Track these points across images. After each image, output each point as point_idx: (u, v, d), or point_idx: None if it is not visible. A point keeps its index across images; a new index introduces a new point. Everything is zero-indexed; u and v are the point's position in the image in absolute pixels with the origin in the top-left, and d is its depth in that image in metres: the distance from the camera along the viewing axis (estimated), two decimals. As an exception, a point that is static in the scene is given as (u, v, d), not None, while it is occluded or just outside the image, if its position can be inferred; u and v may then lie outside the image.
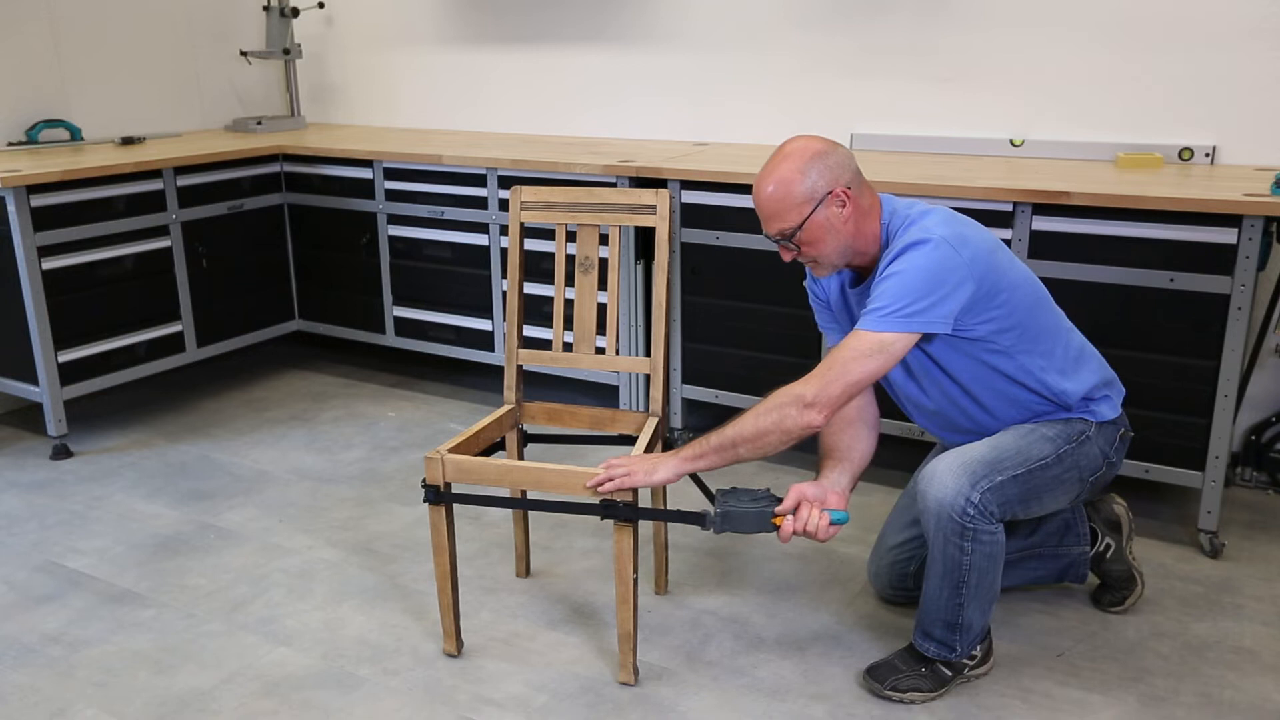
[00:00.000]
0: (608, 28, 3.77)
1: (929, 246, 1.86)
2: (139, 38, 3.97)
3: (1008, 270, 1.95)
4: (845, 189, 1.92)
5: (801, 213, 1.91)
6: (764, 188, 1.94)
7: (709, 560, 2.58)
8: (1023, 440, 2.00)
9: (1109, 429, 2.06)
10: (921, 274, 1.85)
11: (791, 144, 1.95)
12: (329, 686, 2.10)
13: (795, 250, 1.97)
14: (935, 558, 1.98)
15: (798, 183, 1.90)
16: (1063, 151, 3.09)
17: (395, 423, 3.52)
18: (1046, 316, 2.02)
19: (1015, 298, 1.94)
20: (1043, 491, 2.00)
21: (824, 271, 2.02)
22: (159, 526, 2.79)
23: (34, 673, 2.16)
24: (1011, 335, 1.95)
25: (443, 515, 2.07)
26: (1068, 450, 2.01)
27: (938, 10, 3.19)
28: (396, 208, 3.61)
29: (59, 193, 3.12)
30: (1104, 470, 2.08)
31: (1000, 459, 1.95)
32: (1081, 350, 2.07)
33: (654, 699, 2.04)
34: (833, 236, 1.94)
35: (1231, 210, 2.36)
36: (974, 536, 1.92)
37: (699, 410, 3.37)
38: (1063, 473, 2.01)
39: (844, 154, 1.95)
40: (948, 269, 1.85)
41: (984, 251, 1.90)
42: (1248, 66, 2.82)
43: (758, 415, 1.89)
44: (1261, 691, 2.04)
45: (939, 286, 1.85)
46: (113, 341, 3.33)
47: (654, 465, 1.95)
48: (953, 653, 2.03)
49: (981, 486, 1.91)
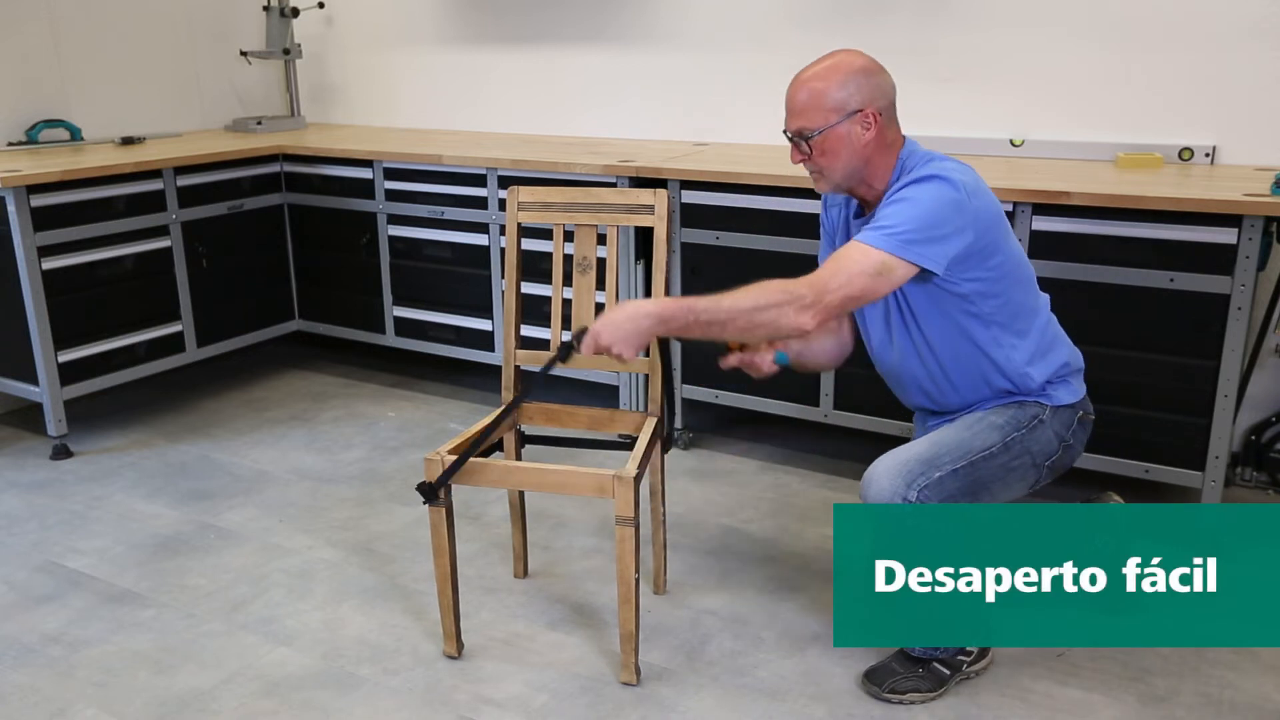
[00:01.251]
0: (608, 28, 3.76)
1: (942, 183, 1.86)
2: (139, 38, 3.96)
3: (1007, 239, 1.96)
4: (876, 112, 1.93)
5: (827, 119, 1.92)
6: (800, 82, 1.95)
7: (709, 560, 2.58)
8: (966, 432, 1.98)
9: (1065, 412, 2.03)
10: (929, 206, 1.85)
11: (843, 52, 1.96)
12: (329, 686, 2.10)
13: (807, 155, 1.97)
14: None
15: (834, 89, 1.91)
16: (1063, 151, 3.09)
17: (395, 423, 3.52)
18: (1030, 298, 2.02)
19: (1008, 267, 1.94)
20: (991, 481, 1.98)
21: (825, 187, 2.02)
22: (159, 526, 2.79)
23: (34, 673, 2.16)
24: (993, 303, 1.95)
25: (443, 516, 2.07)
26: (1017, 437, 1.98)
27: (938, 10, 3.19)
28: (396, 208, 3.61)
29: (59, 193, 3.12)
30: (1060, 454, 2.04)
31: (937, 455, 1.94)
32: (1055, 339, 2.06)
33: (654, 699, 2.04)
34: (848, 154, 1.94)
35: (1231, 210, 2.36)
36: None
37: (699, 410, 3.37)
38: (1011, 460, 1.98)
39: (887, 81, 1.96)
40: (954, 210, 1.85)
41: (991, 209, 1.92)
42: (1248, 66, 2.82)
43: (754, 306, 1.82)
44: (1261, 691, 2.04)
45: (943, 224, 1.85)
46: (113, 341, 3.33)
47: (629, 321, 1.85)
48: (937, 649, 2.03)
49: (918, 484, 1.90)
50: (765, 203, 2.93)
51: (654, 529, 2.37)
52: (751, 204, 2.95)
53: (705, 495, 2.95)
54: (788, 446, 3.26)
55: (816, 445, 3.25)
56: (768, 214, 2.93)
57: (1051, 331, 2.05)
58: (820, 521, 2.78)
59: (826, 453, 3.20)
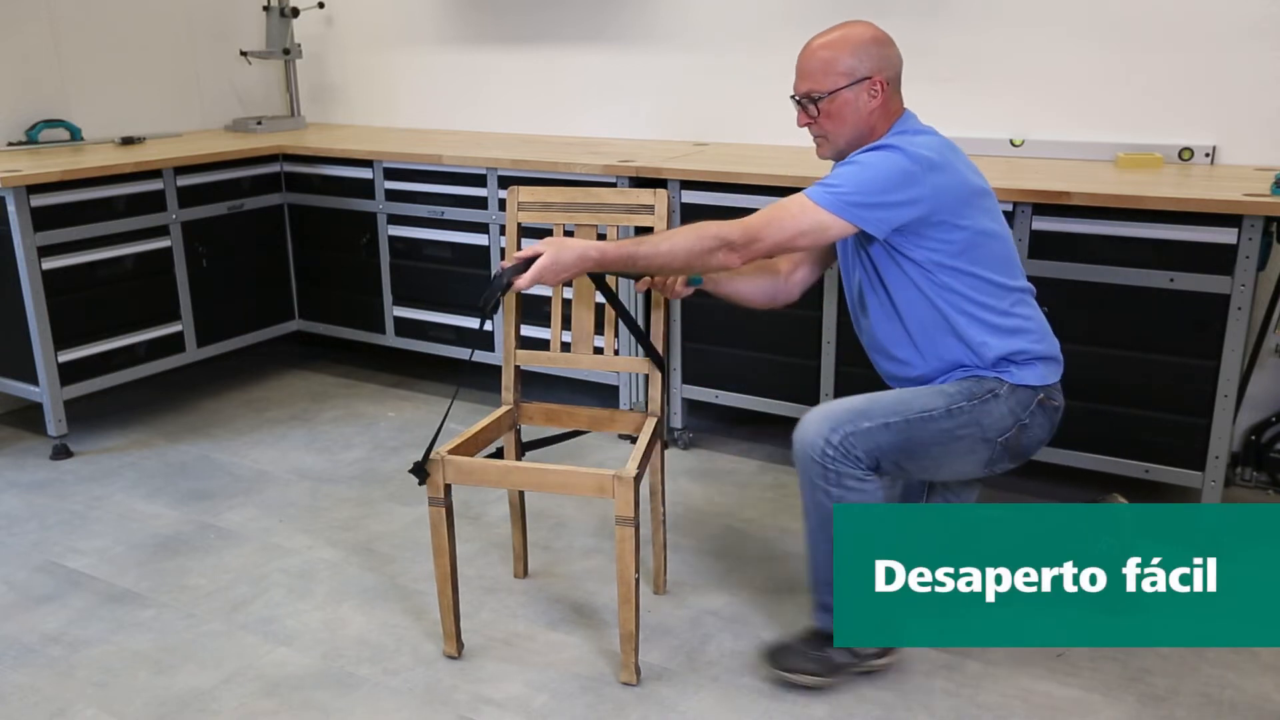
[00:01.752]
0: (608, 28, 3.76)
1: (894, 152, 1.91)
2: (139, 38, 3.96)
3: (976, 217, 1.96)
4: (884, 81, 1.99)
5: (836, 83, 1.98)
6: (812, 48, 2.02)
7: (709, 560, 2.58)
8: (909, 393, 2.01)
9: (1025, 392, 2.00)
10: (876, 172, 1.91)
11: (855, 23, 2.04)
12: (329, 686, 2.10)
13: (814, 118, 2.02)
14: (807, 508, 1.99)
15: (845, 55, 1.98)
16: (1063, 151, 3.09)
17: (395, 423, 3.52)
18: (1001, 277, 2.00)
19: (972, 243, 1.95)
20: (931, 444, 1.97)
21: (827, 152, 2.07)
22: (159, 526, 2.79)
23: (34, 673, 2.16)
24: (952, 274, 1.96)
25: (443, 516, 2.07)
26: (964, 405, 1.97)
27: (937, 10, 3.19)
28: (396, 208, 3.61)
29: (59, 193, 3.12)
30: (1015, 432, 2.00)
31: (870, 408, 1.96)
32: (1024, 325, 2.02)
33: (654, 699, 2.04)
34: (854, 119, 2.00)
35: (1231, 210, 2.36)
36: (838, 480, 1.93)
37: (699, 410, 3.37)
38: (956, 427, 1.96)
39: (896, 53, 2.03)
40: (902, 181, 1.90)
41: (955, 186, 1.94)
42: (1248, 66, 2.82)
43: (689, 250, 1.93)
44: (1261, 691, 2.04)
45: (887, 192, 1.89)
46: (113, 341, 3.33)
47: (566, 255, 1.94)
48: None
49: (843, 429, 1.92)
50: (765, 203, 2.91)
51: (654, 529, 2.38)
52: (751, 204, 2.95)
53: (705, 495, 2.95)
54: (787, 446, 3.21)
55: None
56: (768, 214, 2.93)
57: (1022, 315, 2.02)
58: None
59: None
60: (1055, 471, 2.80)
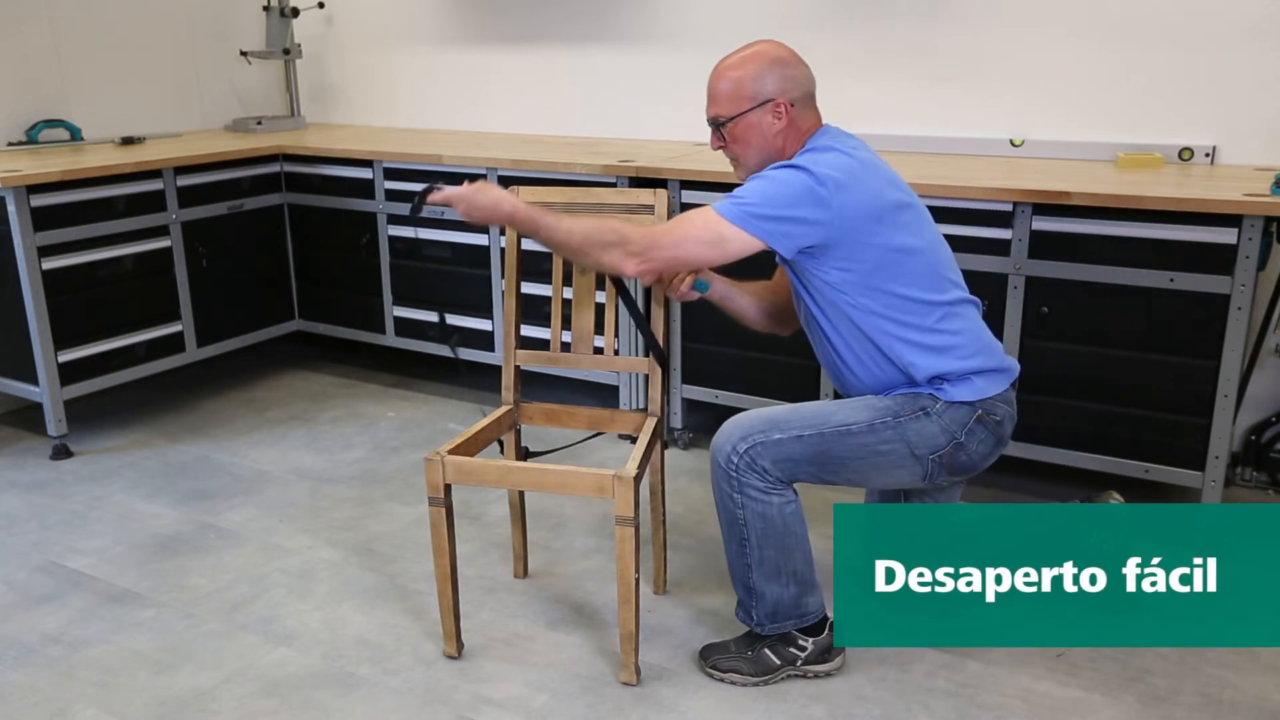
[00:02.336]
0: (608, 28, 3.76)
1: (802, 173, 1.89)
2: (139, 38, 3.96)
3: (889, 233, 1.91)
4: (789, 104, 1.98)
5: (739, 107, 1.99)
6: (719, 71, 2.04)
7: (709, 560, 2.58)
8: (833, 406, 2.00)
9: (961, 409, 1.95)
10: (781, 188, 1.89)
11: (761, 43, 2.04)
12: (329, 686, 2.10)
13: (723, 142, 2.04)
14: (719, 509, 2.01)
15: (749, 79, 1.98)
16: (1063, 151, 3.09)
17: (395, 423, 3.52)
18: (926, 293, 1.95)
19: (883, 262, 1.91)
20: (849, 458, 1.95)
21: (740, 174, 2.06)
22: (159, 526, 2.79)
23: (34, 673, 2.16)
24: (864, 293, 1.93)
25: (443, 516, 2.07)
26: (889, 421, 1.95)
27: (937, 10, 3.19)
28: (397, 208, 3.61)
29: (59, 193, 3.12)
30: (950, 450, 1.96)
31: (787, 419, 1.96)
32: (958, 339, 1.96)
33: (654, 699, 2.04)
34: (759, 141, 2.00)
35: (1231, 210, 2.36)
36: (740, 488, 1.94)
37: (699, 410, 3.37)
38: (878, 443, 1.94)
39: (804, 72, 2.02)
40: (806, 198, 1.87)
41: (861, 205, 1.88)
42: (1248, 66, 2.82)
43: (585, 238, 1.93)
44: (1261, 691, 2.04)
45: (791, 207, 1.87)
46: (113, 341, 3.33)
47: (482, 198, 1.98)
48: (751, 620, 2.05)
49: (752, 439, 1.93)
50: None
51: (654, 529, 2.38)
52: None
53: (705, 495, 2.94)
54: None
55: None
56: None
57: (949, 330, 1.96)
58: (820, 521, 2.76)
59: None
60: (1055, 471, 2.80)
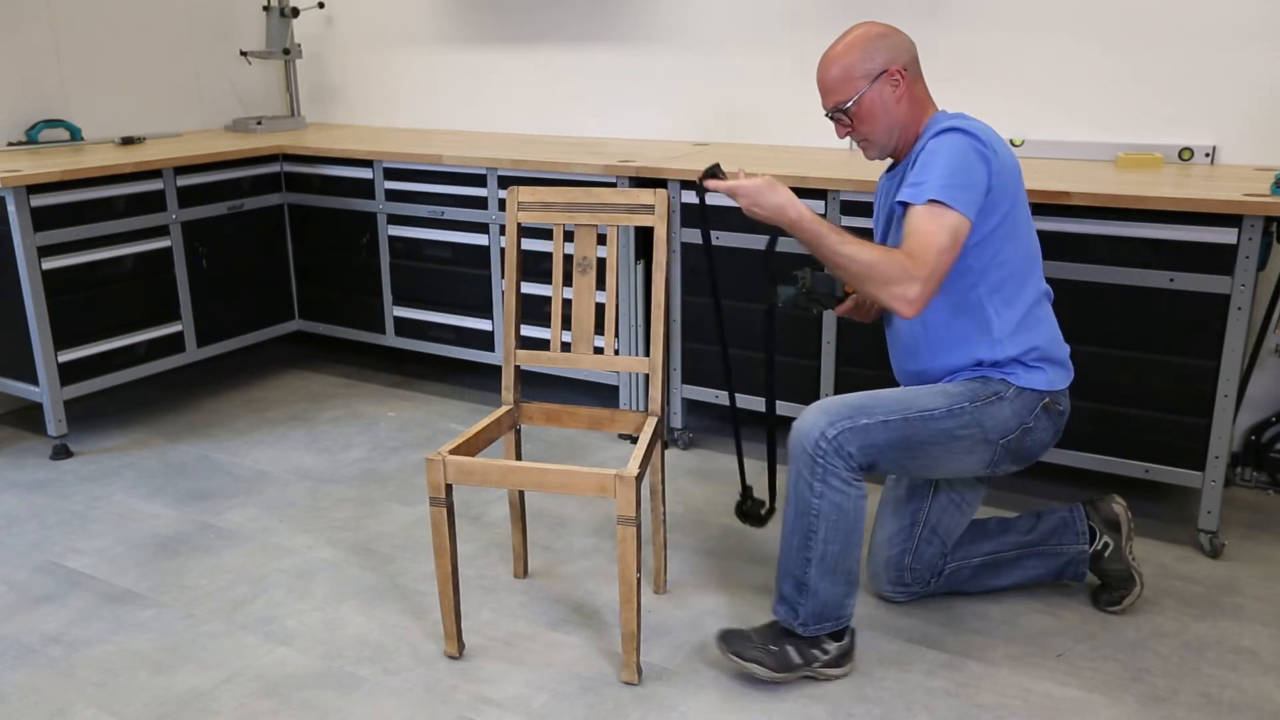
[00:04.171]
0: (608, 28, 3.77)
1: (959, 135, 1.92)
2: (139, 38, 3.96)
3: (1018, 204, 1.99)
4: (901, 69, 2.01)
5: (856, 88, 2.01)
6: (826, 62, 2.04)
7: (709, 560, 2.58)
8: (911, 393, 2.02)
9: (1030, 396, 2.03)
10: (956, 158, 1.91)
11: (858, 25, 2.06)
12: (329, 686, 2.10)
13: (849, 126, 2.05)
14: (789, 496, 2.00)
15: (857, 59, 2.01)
16: (1063, 151, 3.09)
17: (395, 423, 3.52)
18: (1026, 271, 2.04)
19: (1011, 229, 1.98)
20: (929, 443, 1.98)
21: (873, 152, 2.09)
22: (159, 526, 2.79)
23: (34, 673, 2.16)
24: (985, 259, 1.96)
25: (444, 516, 2.07)
26: (966, 406, 1.98)
27: (938, 11, 3.19)
28: (396, 208, 3.61)
29: (59, 193, 3.12)
30: (1019, 435, 2.03)
31: (870, 404, 1.97)
32: (1040, 323, 2.06)
33: (654, 699, 2.04)
34: (884, 115, 2.02)
35: (1231, 210, 2.36)
36: (824, 476, 1.93)
37: (699, 410, 3.37)
38: (956, 427, 1.98)
39: (905, 39, 2.05)
40: (977, 160, 1.92)
41: (1011, 166, 1.97)
42: (1248, 66, 2.82)
43: (872, 268, 1.85)
44: (1261, 691, 2.05)
45: (971, 171, 1.91)
46: (113, 341, 3.33)
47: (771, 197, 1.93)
48: (796, 618, 2.03)
49: (840, 425, 1.93)
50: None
51: (654, 529, 2.38)
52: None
53: (705, 495, 2.95)
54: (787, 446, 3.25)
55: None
56: (768, 214, 2.93)
57: (1038, 315, 2.06)
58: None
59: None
60: (1055, 471, 2.81)
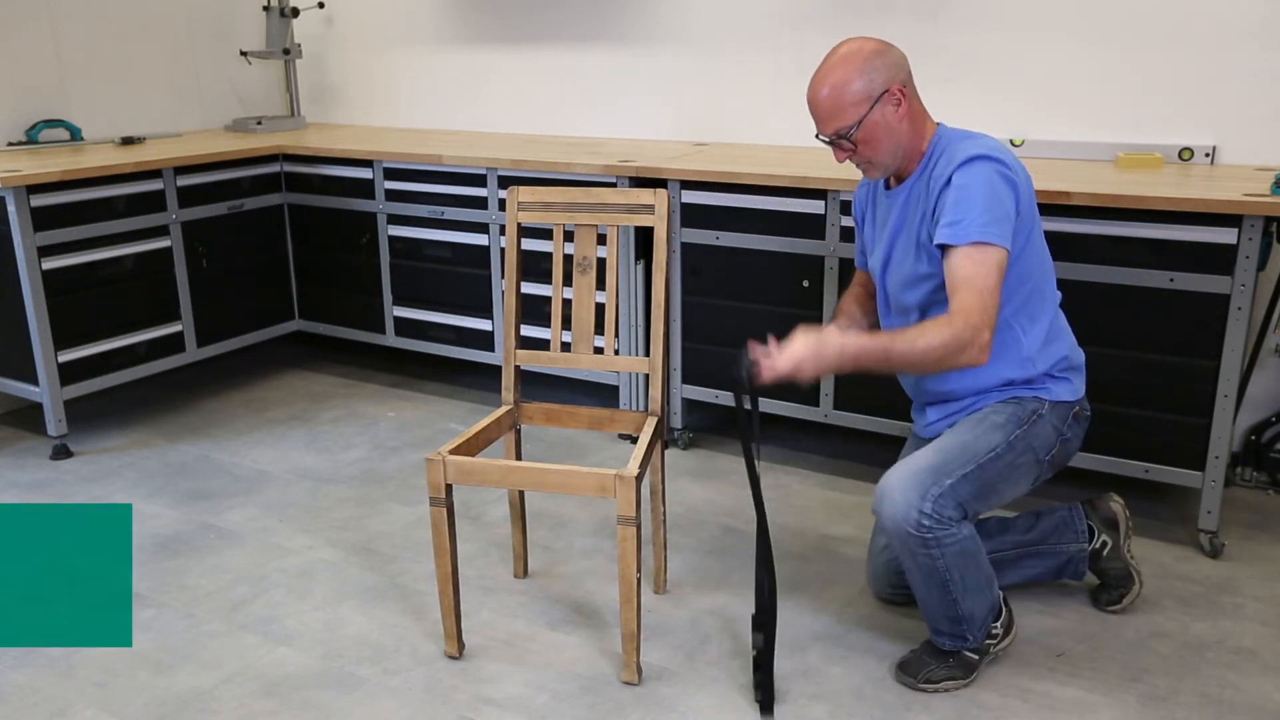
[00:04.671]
0: (608, 28, 3.77)
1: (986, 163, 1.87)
2: (139, 38, 3.96)
3: (1035, 219, 1.99)
4: (901, 87, 1.93)
5: (859, 111, 1.92)
6: (820, 88, 1.94)
7: (709, 560, 2.58)
8: (968, 435, 1.99)
9: (1062, 408, 2.05)
10: (988, 188, 1.86)
11: (847, 44, 1.96)
12: (329, 686, 2.10)
13: (851, 150, 1.97)
14: (910, 569, 1.98)
15: (855, 81, 1.91)
16: (1063, 151, 3.09)
17: (395, 423, 3.52)
18: (1046, 284, 2.05)
19: (1033, 244, 1.98)
20: (999, 481, 1.98)
21: (876, 174, 2.03)
22: (159, 526, 2.79)
23: (34, 673, 2.16)
24: (1012, 281, 1.94)
25: (444, 516, 2.07)
26: (1019, 434, 1.99)
27: (938, 10, 3.19)
28: (396, 208, 3.61)
29: (59, 193, 3.12)
30: (1058, 447, 2.06)
31: (946, 463, 1.93)
32: (1061, 331, 2.09)
33: (654, 698, 2.04)
34: (888, 136, 1.95)
35: (1231, 210, 2.36)
36: (938, 543, 1.91)
37: (699, 410, 3.37)
38: (1016, 458, 1.99)
39: (899, 53, 1.97)
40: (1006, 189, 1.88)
41: (1029, 185, 1.96)
42: (1248, 66, 2.82)
43: (944, 341, 1.81)
44: (1261, 691, 2.04)
45: (1005, 200, 1.87)
46: (113, 341, 3.33)
47: (825, 356, 1.86)
48: (966, 642, 2.04)
49: (931, 495, 1.89)
50: (765, 203, 2.93)
51: (654, 529, 2.38)
52: (751, 204, 2.95)
53: (705, 495, 2.95)
54: (787, 446, 3.26)
55: (816, 445, 3.25)
56: (767, 214, 2.93)
57: (1059, 324, 2.08)
58: (820, 521, 2.78)
59: (826, 453, 3.20)
60: (1055, 471, 2.80)
